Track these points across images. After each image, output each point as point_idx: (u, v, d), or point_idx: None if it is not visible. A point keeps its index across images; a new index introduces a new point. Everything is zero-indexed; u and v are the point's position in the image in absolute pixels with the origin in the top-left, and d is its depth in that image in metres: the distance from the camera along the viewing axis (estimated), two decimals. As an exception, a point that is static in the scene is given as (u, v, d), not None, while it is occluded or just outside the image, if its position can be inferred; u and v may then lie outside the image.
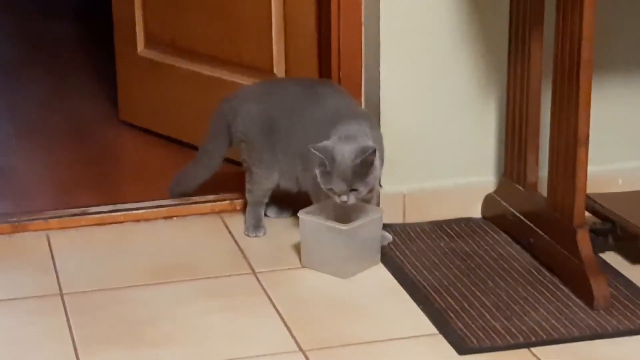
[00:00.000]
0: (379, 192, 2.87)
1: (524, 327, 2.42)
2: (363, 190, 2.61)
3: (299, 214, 2.69)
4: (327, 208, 2.71)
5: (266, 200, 2.88)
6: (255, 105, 2.84)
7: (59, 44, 4.64)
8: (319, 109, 2.77)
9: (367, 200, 2.73)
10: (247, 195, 2.88)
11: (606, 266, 2.68)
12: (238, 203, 3.01)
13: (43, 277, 2.65)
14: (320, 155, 2.60)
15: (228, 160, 3.15)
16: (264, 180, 2.84)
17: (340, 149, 2.59)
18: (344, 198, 2.61)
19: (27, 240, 2.85)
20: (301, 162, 2.77)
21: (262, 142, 2.81)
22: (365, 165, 2.59)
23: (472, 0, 2.85)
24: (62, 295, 2.57)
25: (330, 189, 2.61)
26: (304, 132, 2.76)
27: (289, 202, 2.91)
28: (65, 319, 2.46)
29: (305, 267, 2.70)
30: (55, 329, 2.42)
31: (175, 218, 2.97)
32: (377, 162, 2.63)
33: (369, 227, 2.69)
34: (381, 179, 2.91)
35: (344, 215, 2.70)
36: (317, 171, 2.62)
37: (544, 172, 2.72)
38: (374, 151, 2.59)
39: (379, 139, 2.75)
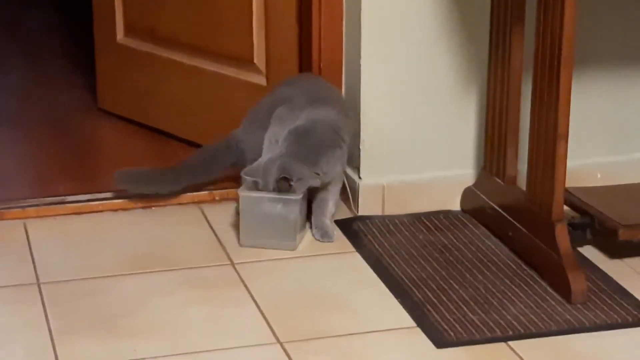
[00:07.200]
0: (344, 180, 2.88)
1: (501, 321, 2.42)
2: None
3: (239, 192, 2.71)
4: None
5: None
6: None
7: (37, 32, 4.61)
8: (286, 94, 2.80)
9: (324, 185, 2.76)
10: None
11: (584, 260, 2.68)
12: (217, 193, 3.00)
13: (20, 266, 2.64)
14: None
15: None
16: None
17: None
18: None
19: (4, 229, 2.84)
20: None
21: None
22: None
23: (453, -7, 2.86)
24: (39, 285, 2.56)
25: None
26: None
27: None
28: (42, 308, 2.45)
29: (244, 246, 2.71)
30: (32, 319, 2.41)
31: (153, 208, 2.96)
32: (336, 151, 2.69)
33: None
34: (360, 171, 2.91)
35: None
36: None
37: (523, 166, 2.73)
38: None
39: (346, 124, 2.78)
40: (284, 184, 2.65)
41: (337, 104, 2.83)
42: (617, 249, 2.73)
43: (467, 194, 2.96)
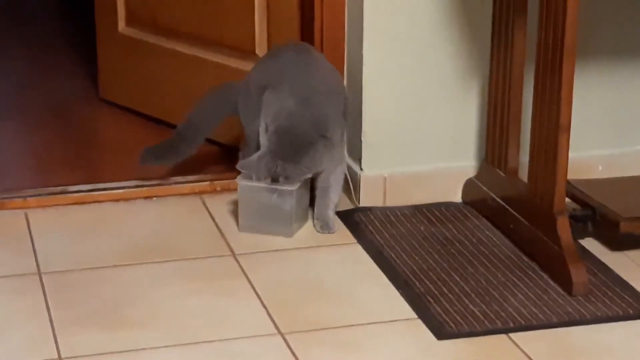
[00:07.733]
0: (346, 173, 2.87)
1: (502, 313, 2.42)
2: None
3: (237, 180, 2.74)
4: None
5: None
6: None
7: (39, 22, 4.61)
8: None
9: (318, 174, 2.76)
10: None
11: (585, 253, 2.68)
12: (218, 184, 3.00)
13: (21, 256, 2.64)
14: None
15: (208, 141, 3.15)
16: None
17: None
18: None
19: (5, 219, 2.84)
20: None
21: None
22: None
23: (456, -16, 2.85)
24: (40, 275, 2.56)
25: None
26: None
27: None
28: (43, 299, 2.45)
29: (243, 231, 2.74)
30: (33, 309, 2.41)
31: (155, 198, 2.97)
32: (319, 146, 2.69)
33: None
34: (362, 162, 2.91)
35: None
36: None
37: (524, 157, 2.72)
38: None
39: (330, 110, 2.76)
40: (275, 171, 2.67)
41: (322, 88, 2.79)
42: (619, 242, 2.73)
43: (468, 185, 2.96)
